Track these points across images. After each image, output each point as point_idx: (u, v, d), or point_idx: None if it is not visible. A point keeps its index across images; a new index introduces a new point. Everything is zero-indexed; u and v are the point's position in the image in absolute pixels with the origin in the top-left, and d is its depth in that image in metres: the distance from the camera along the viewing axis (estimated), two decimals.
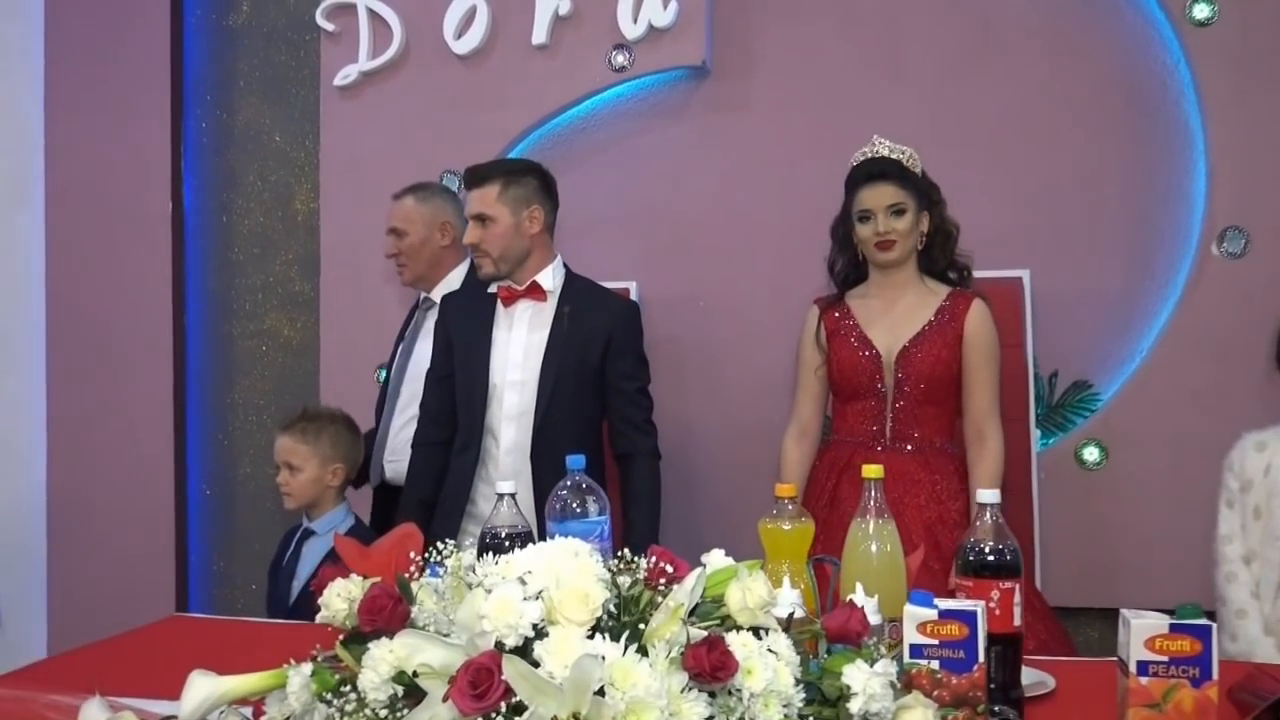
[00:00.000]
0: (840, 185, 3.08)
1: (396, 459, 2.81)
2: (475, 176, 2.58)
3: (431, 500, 2.60)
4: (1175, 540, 2.92)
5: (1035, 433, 2.91)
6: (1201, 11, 2.91)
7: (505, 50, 3.31)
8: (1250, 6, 2.90)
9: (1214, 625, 1.21)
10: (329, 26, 3.41)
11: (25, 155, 3.68)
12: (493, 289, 2.62)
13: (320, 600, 1.29)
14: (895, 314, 2.47)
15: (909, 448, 2.42)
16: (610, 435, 2.62)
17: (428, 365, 2.73)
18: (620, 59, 3.23)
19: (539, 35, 3.25)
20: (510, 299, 2.59)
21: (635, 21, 3.17)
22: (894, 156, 2.46)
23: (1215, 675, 1.21)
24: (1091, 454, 2.99)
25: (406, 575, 1.33)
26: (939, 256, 2.49)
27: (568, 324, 2.54)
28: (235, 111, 3.67)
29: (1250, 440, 2.27)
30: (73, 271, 3.62)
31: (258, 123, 3.65)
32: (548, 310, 2.58)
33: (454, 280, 2.89)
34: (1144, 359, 2.98)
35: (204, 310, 3.68)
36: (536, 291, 2.58)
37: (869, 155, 2.48)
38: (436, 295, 2.85)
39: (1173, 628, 1.20)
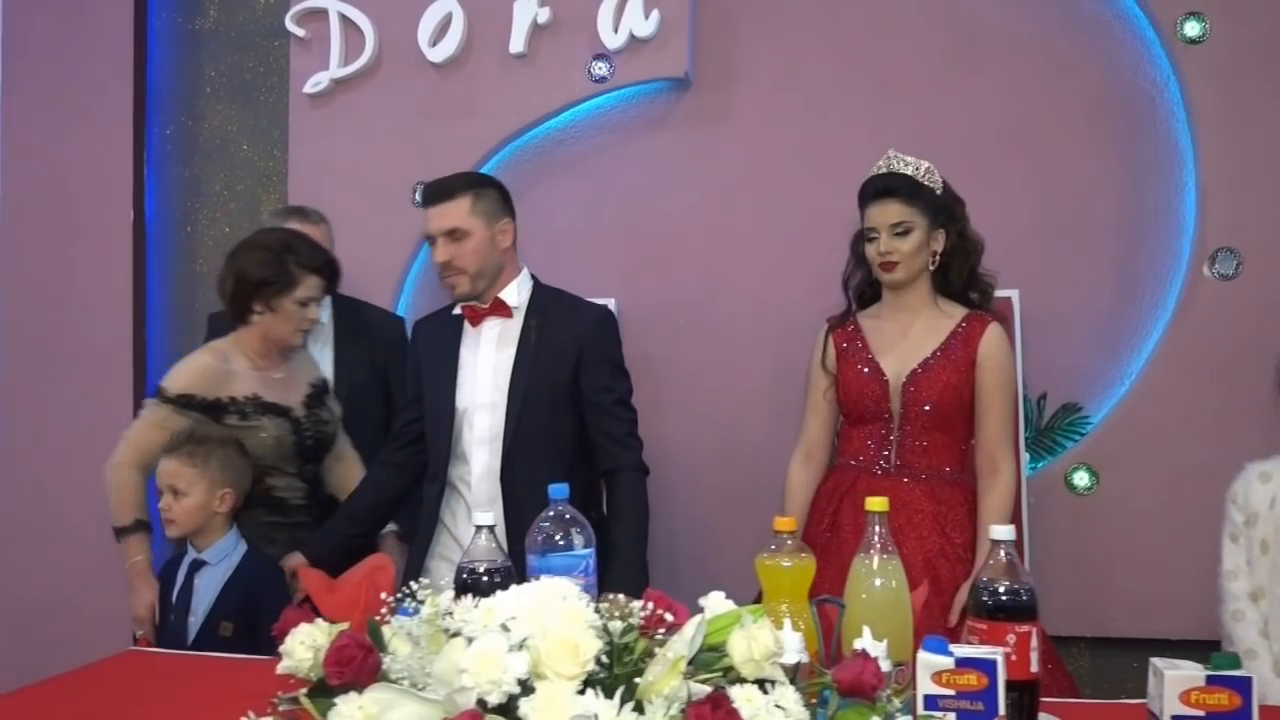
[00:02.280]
0: (823, 199, 3.04)
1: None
2: (443, 191, 2.43)
3: (361, 514, 2.54)
4: (1168, 568, 2.86)
5: (1024, 456, 2.84)
6: (1193, 29, 2.86)
7: (482, 59, 3.21)
8: (1242, 24, 2.86)
9: (1255, 678, 1.12)
10: (299, 32, 3.30)
11: None
12: (458, 310, 2.49)
13: (282, 648, 1.18)
14: (907, 337, 2.36)
15: (915, 475, 2.32)
16: (593, 452, 2.49)
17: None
18: (600, 69, 3.14)
19: (517, 44, 3.16)
20: (477, 318, 2.46)
21: (616, 31, 3.09)
22: (905, 172, 2.34)
23: None
24: (1082, 478, 2.92)
25: (378, 619, 1.23)
26: (955, 276, 2.38)
27: (535, 339, 2.41)
28: (201, 118, 3.55)
29: (1254, 471, 2.18)
30: (28, 283, 3.47)
31: (224, 130, 3.53)
32: (515, 326, 2.45)
33: (326, 302, 2.79)
34: (1134, 381, 2.92)
35: (166, 325, 3.54)
36: (502, 308, 2.45)
37: (879, 170, 2.38)
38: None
39: (1210, 680, 1.11)
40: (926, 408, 2.30)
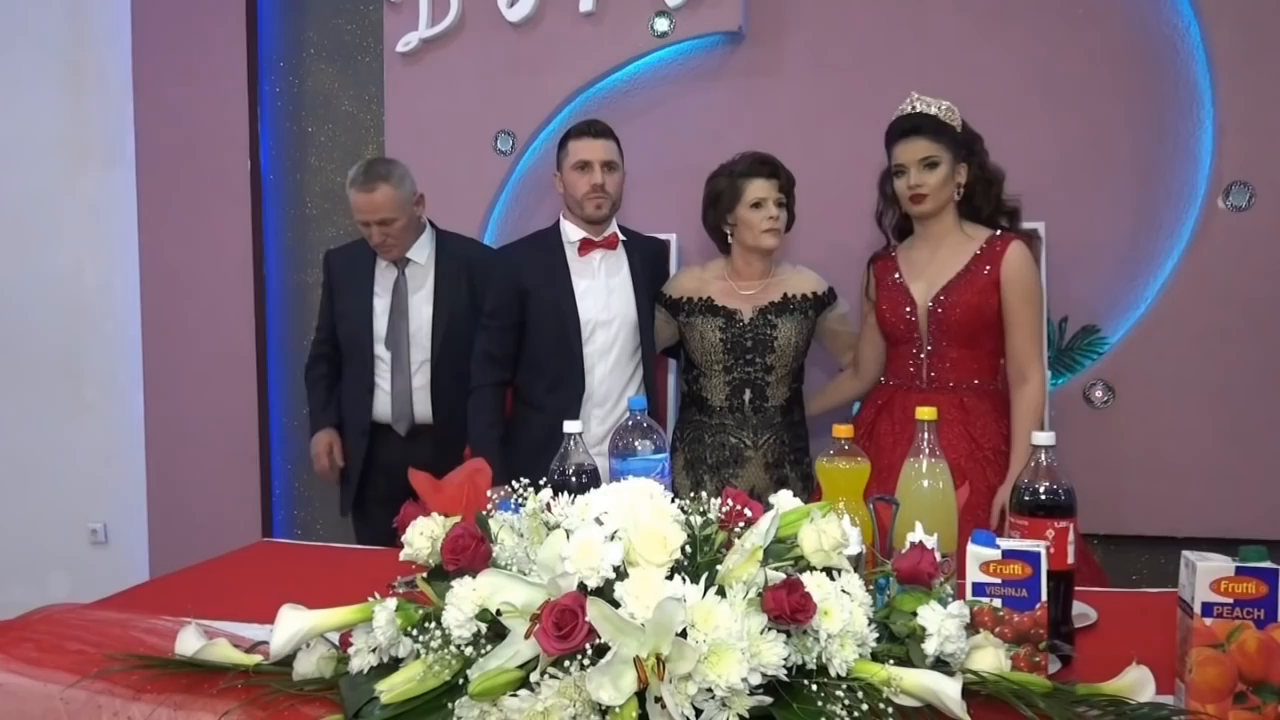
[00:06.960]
0: (866, 144, 2.92)
1: (420, 406, 2.72)
2: (606, 129, 2.53)
3: (504, 435, 2.53)
4: (1175, 474, 2.79)
5: (1046, 374, 2.77)
6: None
7: (554, 18, 3.13)
8: None
9: None
10: None
11: (117, 119, 3.57)
12: (574, 239, 2.53)
13: (403, 538, 1.19)
14: (934, 262, 2.30)
15: (945, 388, 2.27)
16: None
17: (430, 322, 2.69)
18: (662, 25, 3.05)
19: (586, 3, 3.07)
20: (587, 249, 2.54)
21: None
22: (929, 111, 2.27)
23: None
24: (1099, 393, 2.84)
25: (485, 512, 1.23)
26: (982, 204, 2.30)
27: (638, 267, 2.56)
28: (306, 77, 3.52)
29: None
30: (162, 224, 3.51)
31: (327, 87, 3.50)
32: (617, 256, 2.56)
33: (425, 241, 2.76)
34: (1150, 305, 2.82)
35: (280, 259, 3.57)
36: (612, 241, 2.56)
37: (904, 111, 2.30)
38: (416, 256, 2.74)
39: (1239, 570, 1.08)
40: (950, 326, 2.24)
